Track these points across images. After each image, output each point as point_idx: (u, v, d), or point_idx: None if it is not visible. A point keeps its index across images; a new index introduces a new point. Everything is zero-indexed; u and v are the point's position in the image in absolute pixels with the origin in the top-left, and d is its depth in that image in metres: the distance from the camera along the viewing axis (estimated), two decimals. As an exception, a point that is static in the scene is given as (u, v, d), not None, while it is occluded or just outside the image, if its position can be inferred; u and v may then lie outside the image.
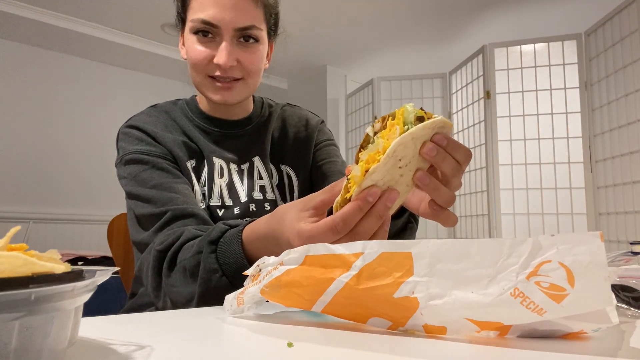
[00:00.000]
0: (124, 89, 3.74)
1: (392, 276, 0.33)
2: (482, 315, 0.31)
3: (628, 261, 0.56)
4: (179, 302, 0.60)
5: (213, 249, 0.57)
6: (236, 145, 0.84)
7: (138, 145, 0.77)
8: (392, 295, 0.33)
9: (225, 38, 0.73)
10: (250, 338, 0.34)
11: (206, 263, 0.57)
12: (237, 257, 0.55)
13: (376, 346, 0.31)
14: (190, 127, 0.82)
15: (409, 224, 0.68)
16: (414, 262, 0.33)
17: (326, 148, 0.92)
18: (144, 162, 0.75)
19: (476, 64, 2.91)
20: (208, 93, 0.77)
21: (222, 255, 0.56)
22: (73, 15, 3.11)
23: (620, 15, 2.30)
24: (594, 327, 0.30)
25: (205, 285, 0.57)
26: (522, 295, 0.29)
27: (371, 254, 0.34)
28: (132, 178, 0.74)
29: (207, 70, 0.75)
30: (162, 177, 0.73)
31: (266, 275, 0.39)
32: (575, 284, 0.28)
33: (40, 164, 3.31)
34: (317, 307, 0.37)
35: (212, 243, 0.58)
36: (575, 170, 2.58)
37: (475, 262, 0.31)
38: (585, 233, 0.28)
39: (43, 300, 0.21)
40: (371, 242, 0.35)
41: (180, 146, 0.79)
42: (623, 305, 0.45)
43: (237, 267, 0.55)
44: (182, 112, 0.85)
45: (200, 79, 0.77)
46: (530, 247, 0.29)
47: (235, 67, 0.75)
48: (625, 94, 2.27)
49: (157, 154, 0.76)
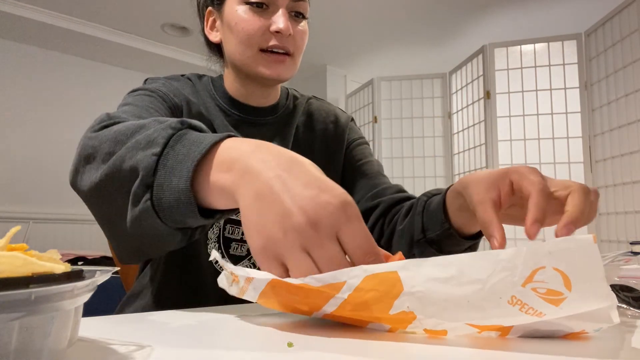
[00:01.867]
0: (124, 89, 3.73)
1: (383, 297, 0.32)
2: (481, 322, 0.31)
3: (628, 261, 0.56)
4: (87, 160, 0.45)
5: (178, 127, 0.42)
6: (255, 133, 0.79)
7: (158, 85, 0.73)
8: (387, 313, 0.33)
9: (281, 6, 0.71)
10: (250, 338, 0.34)
11: (153, 131, 0.42)
12: (191, 150, 0.40)
13: (376, 346, 0.31)
14: (211, 105, 0.78)
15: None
16: (402, 279, 0.31)
17: (360, 147, 0.87)
18: (154, 97, 0.68)
19: (476, 64, 2.91)
20: (260, 68, 0.72)
21: (178, 138, 0.41)
22: (73, 15, 3.11)
23: (620, 15, 2.30)
24: (595, 326, 0.30)
25: (126, 152, 0.42)
26: (520, 302, 0.29)
27: (355, 280, 0.32)
28: (132, 97, 0.67)
29: (262, 41, 0.71)
30: (162, 112, 0.67)
31: (245, 283, 0.36)
32: (572, 287, 0.28)
33: (40, 164, 3.31)
34: (317, 315, 0.37)
35: (183, 123, 0.43)
36: (575, 170, 2.58)
37: (469, 274, 0.30)
38: (578, 237, 0.28)
39: (43, 300, 0.21)
40: (354, 268, 0.32)
41: (197, 118, 0.74)
42: (623, 305, 0.45)
43: (181, 159, 0.40)
44: (205, 88, 0.80)
45: (252, 53, 0.71)
46: (524, 255, 0.29)
47: (290, 38, 0.72)
48: (625, 94, 2.27)
49: (173, 101, 0.71)
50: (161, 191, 0.40)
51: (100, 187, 0.44)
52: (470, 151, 2.97)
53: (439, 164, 3.24)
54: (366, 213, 0.79)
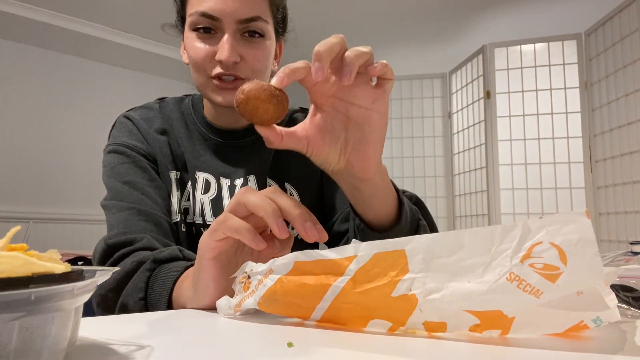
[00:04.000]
0: (124, 89, 3.74)
1: (388, 276, 0.33)
2: (480, 305, 0.31)
3: (628, 261, 0.56)
4: (104, 304, 0.60)
5: (152, 267, 0.56)
6: (232, 157, 0.77)
7: (127, 137, 0.75)
8: (389, 295, 0.33)
9: (227, 31, 0.66)
10: (250, 338, 0.34)
11: (137, 278, 0.56)
12: (163, 288, 0.53)
13: (376, 346, 0.31)
14: (183, 134, 0.77)
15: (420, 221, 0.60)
16: (409, 259, 0.33)
17: None
18: (126, 155, 0.72)
19: (476, 63, 2.91)
20: (210, 95, 0.70)
21: (154, 279, 0.55)
22: (73, 15, 3.11)
23: (620, 15, 2.30)
24: (593, 315, 0.30)
25: (125, 297, 0.56)
26: (518, 278, 0.30)
27: (364, 256, 0.34)
28: (110, 168, 0.72)
29: (209, 69, 0.68)
30: (138, 176, 0.71)
31: (258, 284, 0.39)
32: (568, 261, 0.29)
33: (40, 164, 3.31)
34: (316, 315, 0.37)
35: (156, 262, 0.56)
36: (575, 170, 2.58)
37: (469, 252, 0.31)
38: (572, 212, 0.29)
39: (43, 300, 0.21)
40: (363, 243, 0.35)
41: (167, 155, 0.75)
42: (623, 305, 0.45)
43: (158, 297, 0.54)
44: (183, 114, 0.80)
45: (202, 80, 0.70)
46: (521, 231, 0.30)
47: (239, 64, 0.68)
48: (625, 94, 2.27)
49: (141, 151, 0.74)
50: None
51: None
52: (470, 151, 2.97)
53: (439, 164, 3.24)
54: (340, 236, 0.74)
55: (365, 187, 0.50)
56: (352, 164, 0.48)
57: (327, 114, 0.47)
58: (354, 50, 0.42)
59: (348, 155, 0.48)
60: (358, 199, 0.53)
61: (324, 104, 0.46)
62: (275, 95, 0.41)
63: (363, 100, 0.45)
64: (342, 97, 0.45)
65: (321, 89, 0.45)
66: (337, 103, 0.46)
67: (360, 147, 0.47)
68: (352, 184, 0.51)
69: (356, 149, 0.47)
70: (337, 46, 0.41)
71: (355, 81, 0.43)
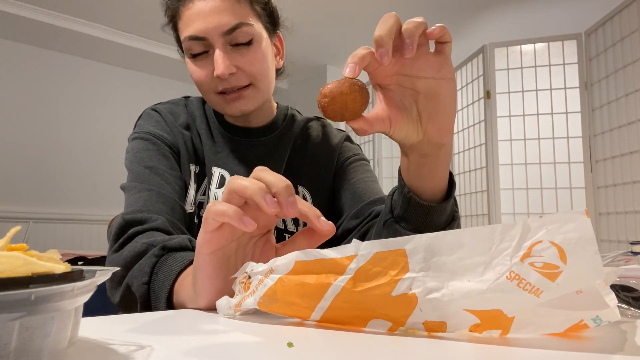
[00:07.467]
0: (124, 89, 3.74)
1: (388, 275, 0.33)
2: (480, 304, 0.31)
3: (628, 261, 0.56)
4: (111, 280, 0.61)
5: (160, 254, 0.56)
6: (248, 155, 0.80)
7: (153, 127, 0.77)
8: (390, 294, 0.33)
9: (217, 46, 0.69)
10: (250, 338, 0.34)
11: (144, 262, 0.56)
12: (166, 277, 0.53)
13: (376, 346, 0.31)
14: (204, 131, 0.81)
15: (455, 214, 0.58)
16: (409, 259, 0.33)
17: (351, 166, 0.83)
18: (151, 142, 0.75)
19: (476, 63, 2.91)
20: (223, 109, 0.75)
21: (160, 265, 0.55)
22: (73, 15, 3.11)
23: (620, 15, 2.30)
24: (593, 314, 0.30)
25: (131, 278, 0.57)
26: (517, 277, 0.30)
27: (364, 255, 0.34)
28: (134, 153, 0.74)
29: (213, 87, 0.72)
30: (161, 163, 0.73)
31: (259, 284, 0.39)
32: (568, 260, 0.29)
33: (40, 164, 3.31)
34: (316, 315, 0.37)
35: (164, 249, 0.57)
36: (575, 170, 2.58)
37: (469, 251, 0.31)
38: (572, 211, 0.29)
39: (43, 300, 0.21)
40: (364, 243, 0.35)
41: (190, 148, 0.78)
42: (623, 305, 0.45)
43: (161, 285, 0.54)
44: (205, 113, 0.83)
45: (211, 99, 0.74)
46: (521, 230, 0.30)
47: (236, 74, 0.70)
48: (625, 94, 2.27)
49: (166, 141, 0.76)
50: (155, 306, 0.56)
51: (120, 303, 0.61)
52: (470, 151, 2.97)
53: (439, 163, 3.23)
54: (347, 233, 0.75)
55: (439, 151, 0.50)
56: (430, 133, 0.48)
57: (394, 92, 0.47)
58: (410, 22, 0.43)
59: (425, 126, 0.48)
60: (424, 167, 0.52)
61: (389, 84, 0.47)
62: (355, 84, 0.43)
63: (429, 71, 0.45)
64: (407, 72, 0.46)
65: (383, 70, 0.45)
66: (401, 80, 0.46)
67: (437, 114, 0.47)
68: (427, 151, 0.50)
69: (432, 117, 0.47)
70: (395, 26, 0.43)
71: (416, 54, 0.44)
